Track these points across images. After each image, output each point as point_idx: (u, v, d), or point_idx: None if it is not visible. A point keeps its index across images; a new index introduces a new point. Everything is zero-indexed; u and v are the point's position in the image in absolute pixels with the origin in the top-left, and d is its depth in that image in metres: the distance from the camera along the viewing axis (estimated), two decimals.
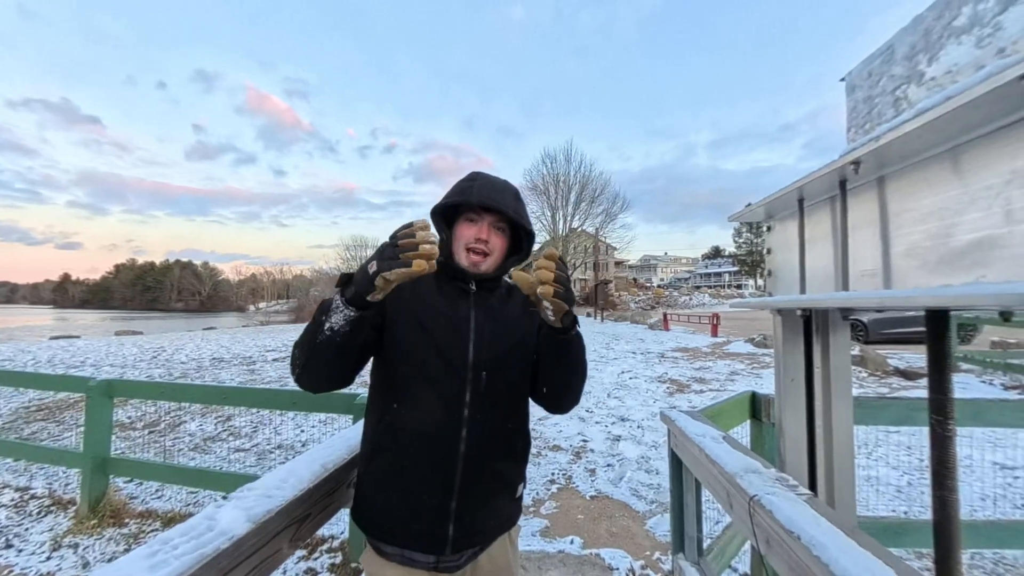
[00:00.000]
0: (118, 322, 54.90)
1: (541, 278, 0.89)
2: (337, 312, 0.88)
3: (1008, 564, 2.36)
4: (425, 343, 1.02)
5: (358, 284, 0.87)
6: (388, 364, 1.04)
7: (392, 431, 1.02)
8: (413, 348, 1.02)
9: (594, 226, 50.83)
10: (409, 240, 0.84)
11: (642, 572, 2.39)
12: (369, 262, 0.86)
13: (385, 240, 0.87)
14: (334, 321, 0.88)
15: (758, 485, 1.05)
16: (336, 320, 0.88)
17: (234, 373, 8.53)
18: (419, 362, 1.01)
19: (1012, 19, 0.71)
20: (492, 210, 1.06)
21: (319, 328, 0.90)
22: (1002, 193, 0.74)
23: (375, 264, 0.85)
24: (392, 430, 1.02)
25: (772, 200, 1.37)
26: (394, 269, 0.83)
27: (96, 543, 2.72)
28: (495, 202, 1.04)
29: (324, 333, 0.89)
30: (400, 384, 1.03)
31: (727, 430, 1.62)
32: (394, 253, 0.84)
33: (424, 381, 1.01)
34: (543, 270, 0.89)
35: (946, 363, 1.10)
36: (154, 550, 0.78)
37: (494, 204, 1.04)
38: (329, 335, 0.89)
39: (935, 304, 0.83)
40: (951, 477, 1.10)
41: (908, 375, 7.33)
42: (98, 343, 14.16)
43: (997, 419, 2.18)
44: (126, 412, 5.44)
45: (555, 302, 0.89)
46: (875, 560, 0.73)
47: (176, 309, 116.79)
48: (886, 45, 1.01)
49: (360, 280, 0.87)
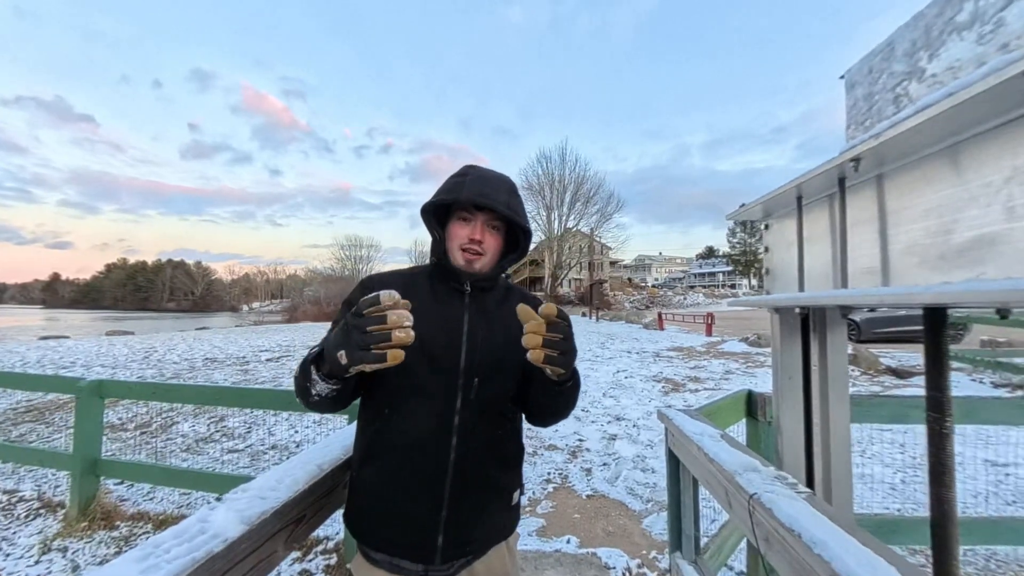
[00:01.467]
0: (109, 322, 54.29)
1: (528, 344, 0.79)
2: (317, 384, 0.86)
3: (1000, 560, 2.38)
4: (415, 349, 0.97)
5: (332, 366, 0.81)
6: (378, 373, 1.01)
7: (382, 437, 0.99)
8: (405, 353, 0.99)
9: (589, 226, 51.02)
10: (380, 327, 0.74)
11: (639, 571, 2.38)
12: (337, 346, 0.78)
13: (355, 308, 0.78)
14: (319, 390, 0.87)
15: (757, 483, 1.05)
16: (320, 389, 0.87)
17: (227, 373, 8.46)
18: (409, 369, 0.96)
19: (1015, 15, 0.71)
20: (485, 208, 1.01)
21: (307, 394, 0.89)
22: (1002, 190, 0.74)
23: (344, 355, 0.77)
24: (382, 436, 0.99)
25: (770, 198, 1.37)
26: (365, 363, 0.75)
27: (86, 546, 2.68)
28: (488, 200, 0.99)
29: (314, 397, 0.89)
30: (390, 391, 1.00)
31: (724, 428, 1.62)
32: (364, 342, 0.74)
33: (414, 388, 0.98)
34: (531, 334, 0.79)
35: (944, 361, 1.10)
36: (145, 553, 0.76)
37: (486, 202, 0.99)
38: (318, 400, 0.89)
39: (935, 302, 0.82)
40: (948, 474, 1.10)
41: (900, 373, 7.41)
42: (88, 343, 13.99)
43: (989, 417, 2.20)
44: (117, 413, 5.37)
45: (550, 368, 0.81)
46: (877, 558, 0.73)
47: (168, 309, 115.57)
48: (886, 42, 1.01)
49: (333, 364, 0.80)
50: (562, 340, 0.81)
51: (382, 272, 1.14)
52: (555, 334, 0.80)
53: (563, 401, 1.01)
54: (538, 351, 0.79)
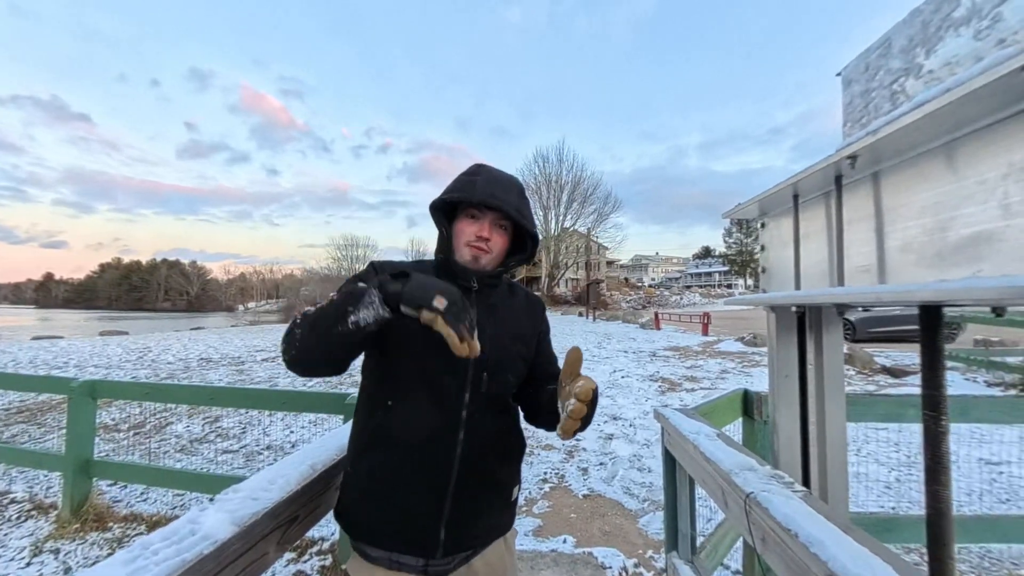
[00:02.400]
0: (103, 322, 53.90)
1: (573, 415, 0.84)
2: (369, 308, 0.82)
3: (994, 558, 2.40)
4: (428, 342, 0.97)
5: (408, 299, 0.82)
6: (386, 361, 1.01)
7: (384, 431, 0.99)
8: (415, 346, 0.98)
9: (586, 226, 51.10)
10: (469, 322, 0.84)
11: (635, 570, 2.38)
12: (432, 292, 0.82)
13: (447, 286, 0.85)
14: (363, 316, 0.82)
15: (753, 482, 1.04)
16: (365, 316, 0.82)
17: (222, 374, 8.41)
18: (420, 361, 0.98)
19: (1012, 10, 0.71)
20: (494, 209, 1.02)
21: (342, 318, 0.82)
22: (999, 187, 0.73)
23: (443, 302, 0.81)
24: (384, 430, 0.99)
25: (766, 196, 1.36)
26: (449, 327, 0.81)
27: (79, 548, 2.65)
28: (498, 201, 1.00)
29: (347, 326, 0.82)
30: (399, 382, 1.00)
31: (720, 427, 1.61)
32: (458, 315, 0.82)
33: (424, 380, 0.99)
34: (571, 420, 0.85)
35: (939, 359, 1.10)
36: (133, 555, 0.75)
37: (497, 204, 1.00)
38: (353, 329, 0.82)
39: (932, 299, 0.82)
40: (944, 472, 1.10)
41: (895, 372, 7.45)
42: (82, 343, 13.88)
43: (983, 415, 2.20)
44: (110, 414, 5.33)
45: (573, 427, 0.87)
46: (873, 556, 0.73)
47: (163, 309, 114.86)
48: (883, 38, 1.00)
49: (413, 297, 0.82)
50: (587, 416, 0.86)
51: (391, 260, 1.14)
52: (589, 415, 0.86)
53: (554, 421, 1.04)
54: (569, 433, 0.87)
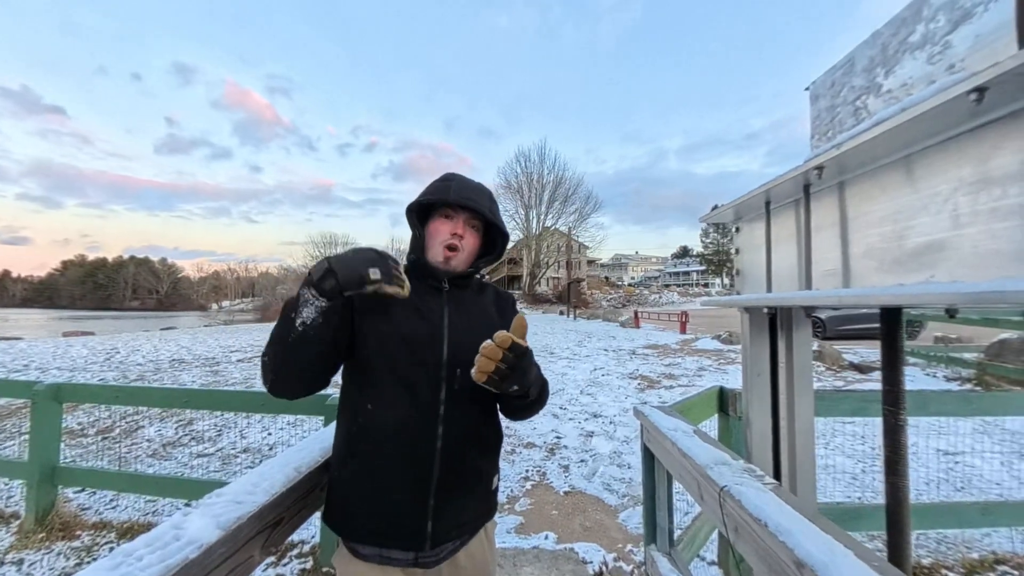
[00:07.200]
0: (67, 322, 51.51)
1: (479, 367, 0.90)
2: (308, 306, 0.88)
3: (950, 543, 2.54)
4: (399, 343, 1.02)
5: (345, 282, 0.86)
6: (360, 365, 1.04)
7: (367, 432, 1.01)
8: (387, 348, 1.02)
9: (567, 225, 51.44)
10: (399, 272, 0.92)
11: (615, 564, 2.44)
12: (366, 262, 0.88)
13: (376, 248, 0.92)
14: (305, 315, 0.88)
15: (727, 476, 1.09)
16: (308, 314, 0.88)
17: (196, 375, 8.16)
18: (393, 362, 1.01)
19: (960, 38, 0.76)
20: (468, 208, 1.09)
21: (290, 326, 0.88)
22: (950, 199, 0.79)
23: (377, 272, 0.88)
24: (366, 431, 1.01)
25: (741, 202, 1.42)
26: (392, 286, 0.89)
27: (44, 557, 2.55)
28: (472, 201, 1.08)
29: (296, 330, 0.88)
30: (374, 385, 1.02)
31: (697, 424, 1.67)
32: (390, 274, 0.89)
33: (398, 381, 1.01)
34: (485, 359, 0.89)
35: (899, 358, 1.17)
36: (116, 563, 0.74)
37: (471, 203, 1.08)
38: (302, 331, 0.88)
39: (891, 302, 0.88)
40: (902, 463, 1.18)
41: (862, 369, 7.77)
42: (44, 345, 13.24)
43: (940, 409, 2.34)
44: (76, 418, 5.12)
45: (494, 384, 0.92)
46: (835, 543, 0.78)
47: (132, 308, 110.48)
48: (847, 57, 1.06)
49: (349, 279, 0.87)
50: (505, 368, 0.90)
51: None
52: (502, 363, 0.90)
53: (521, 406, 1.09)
54: (481, 373, 0.91)
